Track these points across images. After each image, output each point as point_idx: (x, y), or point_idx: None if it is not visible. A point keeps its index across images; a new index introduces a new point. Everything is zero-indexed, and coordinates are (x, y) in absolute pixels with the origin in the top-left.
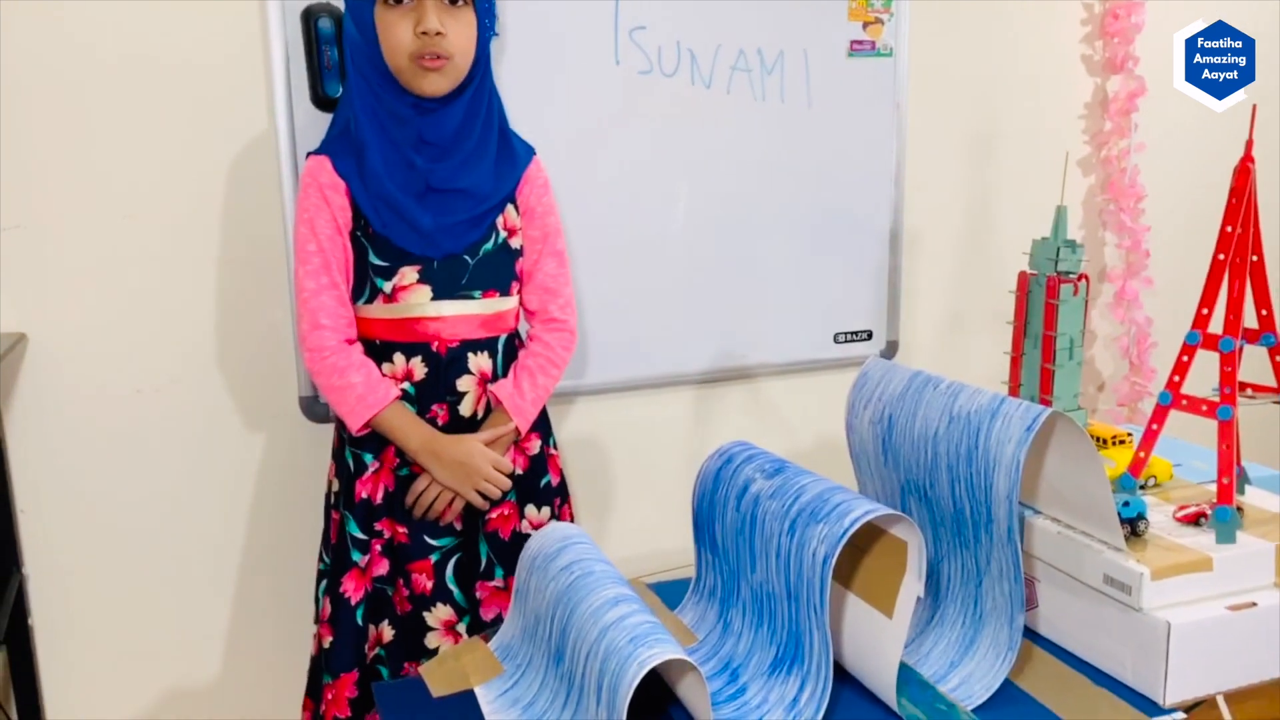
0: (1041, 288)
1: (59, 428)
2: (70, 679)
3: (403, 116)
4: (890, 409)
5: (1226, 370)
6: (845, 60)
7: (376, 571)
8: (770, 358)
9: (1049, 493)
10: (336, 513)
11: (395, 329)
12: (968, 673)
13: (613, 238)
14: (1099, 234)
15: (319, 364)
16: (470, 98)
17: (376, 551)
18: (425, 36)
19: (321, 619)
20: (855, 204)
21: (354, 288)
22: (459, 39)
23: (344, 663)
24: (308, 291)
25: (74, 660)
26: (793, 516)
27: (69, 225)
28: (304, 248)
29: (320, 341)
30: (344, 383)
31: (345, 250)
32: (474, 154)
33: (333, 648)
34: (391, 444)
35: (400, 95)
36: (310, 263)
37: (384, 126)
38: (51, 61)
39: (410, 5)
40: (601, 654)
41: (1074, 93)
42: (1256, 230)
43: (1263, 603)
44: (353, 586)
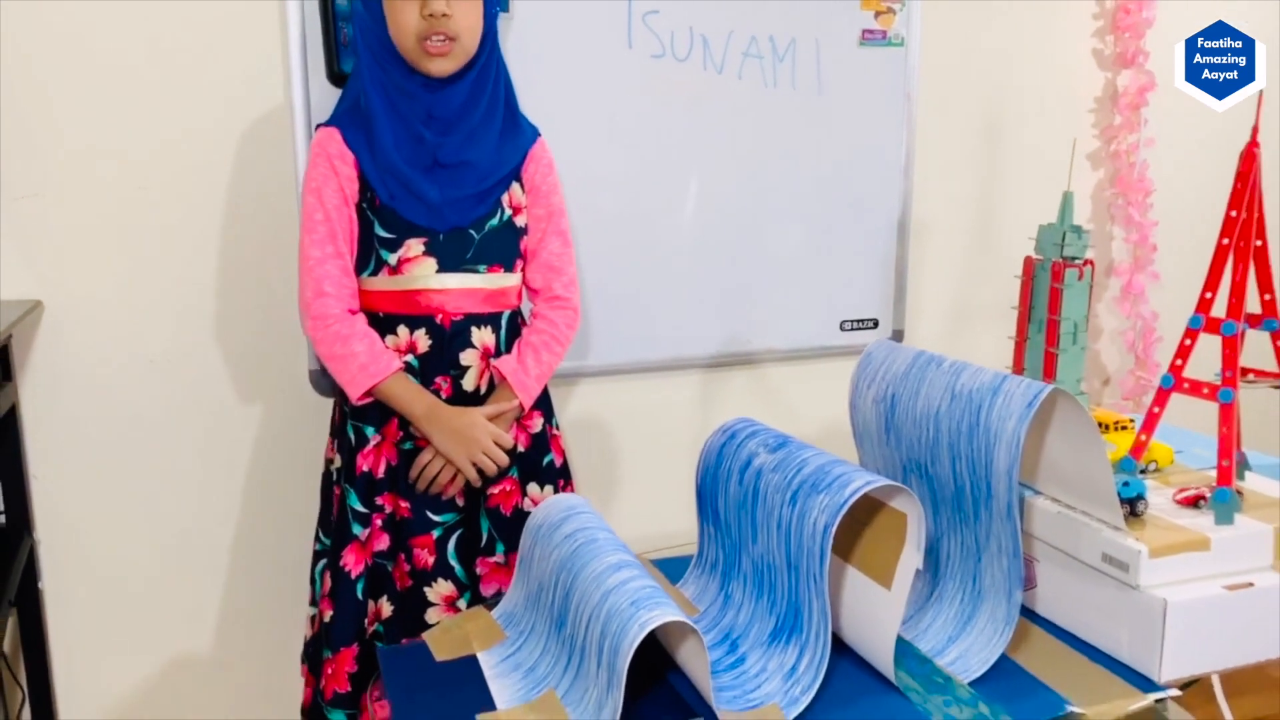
0: (1047, 272)
1: (72, 395)
2: (78, 642)
3: (410, 92)
4: (893, 387)
5: (1228, 354)
6: (857, 49)
7: (377, 546)
8: (776, 343)
9: (1049, 472)
10: (338, 488)
11: (399, 301)
12: (965, 647)
13: (623, 221)
14: (1107, 228)
15: (322, 332)
16: (477, 75)
17: (377, 526)
18: (432, 18)
19: (322, 594)
20: (864, 193)
21: (359, 260)
22: (465, 19)
23: (345, 637)
24: (313, 260)
25: (82, 624)
26: (794, 488)
27: (84, 195)
28: (311, 216)
29: (324, 309)
30: (347, 351)
31: (351, 221)
32: (480, 128)
33: (333, 621)
34: (394, 417)
35: (408, 73)
36: (316, 231)
37: (393, 102)
38: (69, 33)
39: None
40: (604, 616)
41: (1084, 86)
42: (1261, 215)
43: (1260, 583)
44: (353, 560)
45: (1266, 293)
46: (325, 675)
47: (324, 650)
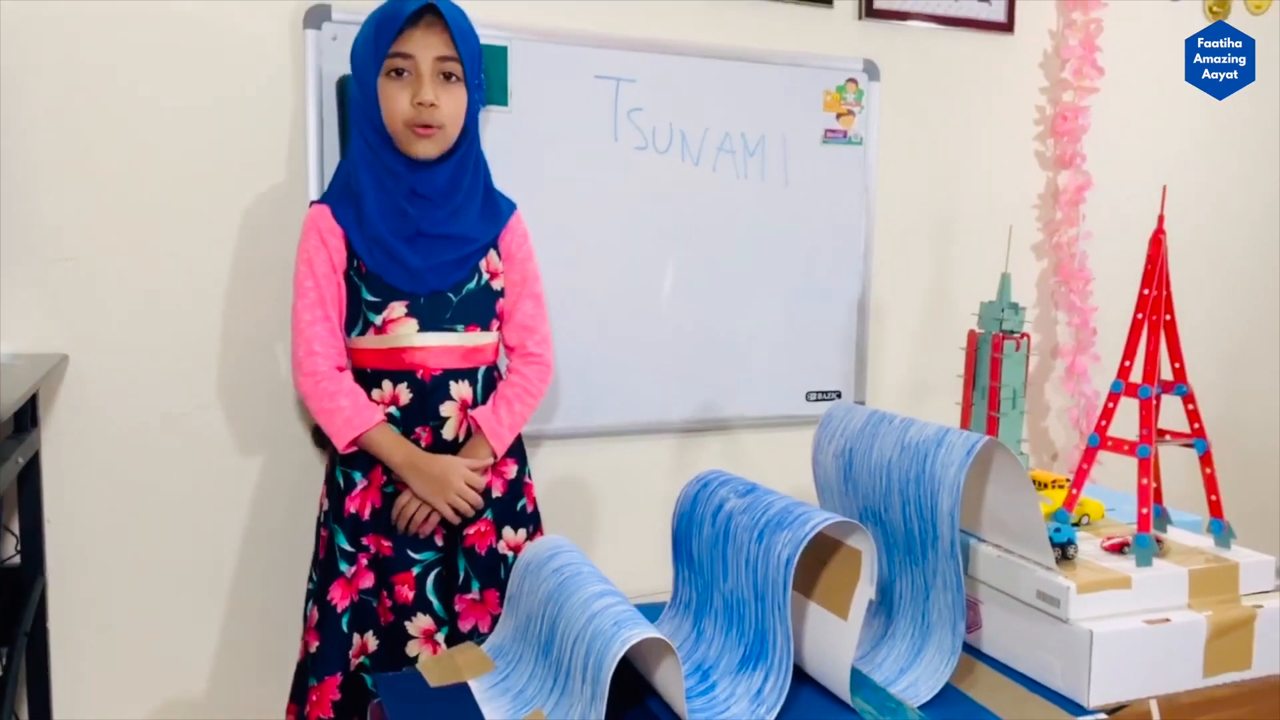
0: (988, 344)
1: (89, 444)
2: (79, 682)
3: (397, 172)
4: (851, 443)
5: (1145, 414)
6: (820, 146)
7: (362, 584)
8: (747, 411)
9: (990, 521)
10: (325, 530)
11: (384, 358)
12: (915, 676)
13: (607, 294)
14: (1051, 313)
15: (312, 387)
16: (458, 160)
17: (363, 564)
18: (420, 107)
19: (309, 626)
20: (827, 275)
21: (348, 322)
22: (450, 110)
23: (329, 667)
24: (303, 321)
25: (83, 663)
26: (761, 526)
27: (117, 260)
28: (302, 283)
29: (314, 366)
30: (334, 405)
31: (339, 287)
32: (461, 206)
33: (319, 652)
34: (379, 464)
35: (396, 154)
36: (307, 296)
37: (380, 180)
38: (112, 115)
39: (409, 79)
40: (588, 637)
41: (1028, 184)
42: (1169, 293)
43: (1176, 619)
44: (339, 595)
45: (1176, 361)
46: (310, 702)
47: (309, 679)
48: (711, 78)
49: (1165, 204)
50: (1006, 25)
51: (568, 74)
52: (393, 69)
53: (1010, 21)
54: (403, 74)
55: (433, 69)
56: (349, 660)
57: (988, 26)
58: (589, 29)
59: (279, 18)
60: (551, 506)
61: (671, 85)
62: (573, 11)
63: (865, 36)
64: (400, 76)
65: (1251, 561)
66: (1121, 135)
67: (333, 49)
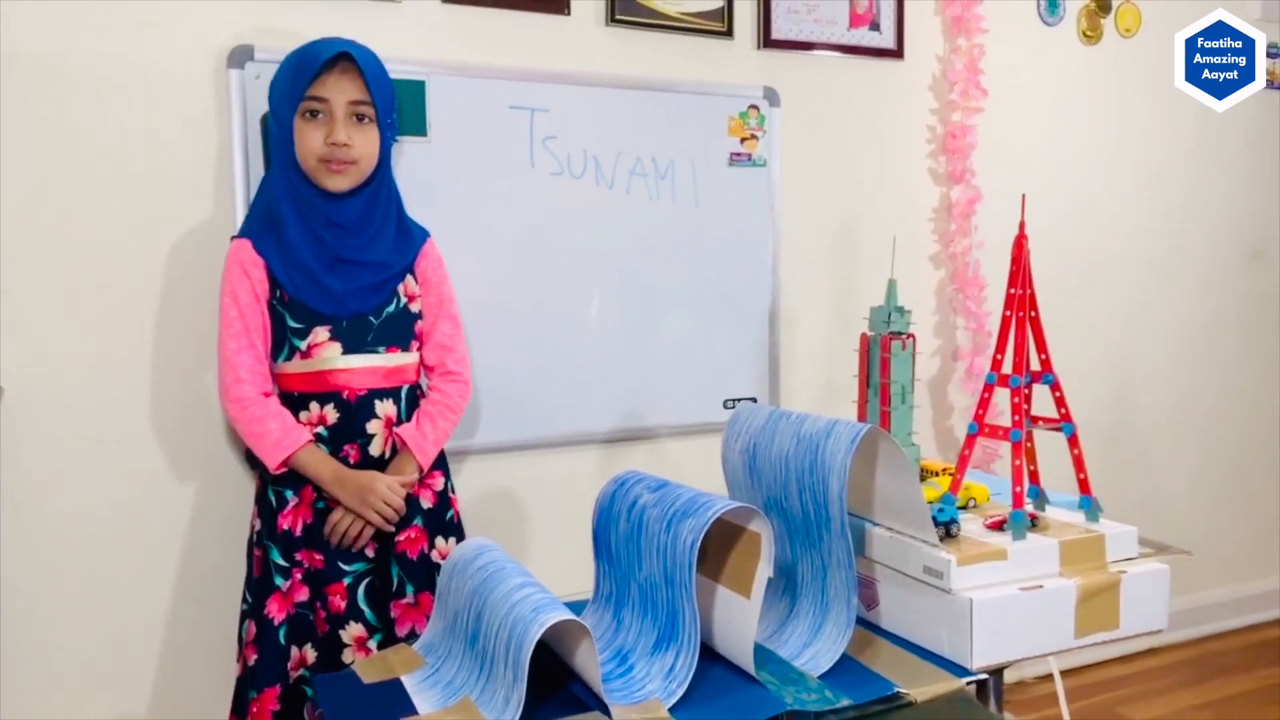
0: (878, 345)
1: (26, 472)
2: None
3: (313, 203)
4: (754, 439)
5: (1016, 402)
6: (726, 168)
7: (297, 597)
8: (668, 420)
9: (882, 505)
10: (259, 549)
11: (310, 381)
12: (816, 650)
13: (530, 313)
14: (950, 319)
15: (240, 413)
16: (370, 192)
17: (297, 579)
18: (334, 146)
19: (246, 640)
20: (739, 288)
21: (274, 349)
22: (363, 148)
23: (268, 678)
24: (229, 350)
25: (26, 684)
26: (669, 516)
27: (48, 294)
28: (227, 314)
29: (241, 393)
30: (262, 429)
31: (263, 317)
32: (376, 234)
33: (258, 665)
34: (309, 482)
35: (312, 188)
36: (232, 326)
37: (299, 210)
38: (42, 154)
39: (323, 120)
40: (510, 624)
41: (924, 198)
42: (1032, 292)
43: (1048, 585)
44: (275, 608)
45: (1043, 353)
46: (251, 714)
47: (249, 691)
48: (621, 106)
49: (1025, 211)
50: (897, 52)
51: (484, 105)
52: (308, 110)
53: (900, 48)
54: (317, 115)
55: (346, 111)
56: (288, 672)
57: (879, 53)
58: (503, 63)
59: (204, 57)
60: (480, 519)
61: (584, 114)
62: (487, 47)
63: (765, 65)
64: (315, 117)
65: (1116, 532)
66: (1007, 151)
67: (256, 87)
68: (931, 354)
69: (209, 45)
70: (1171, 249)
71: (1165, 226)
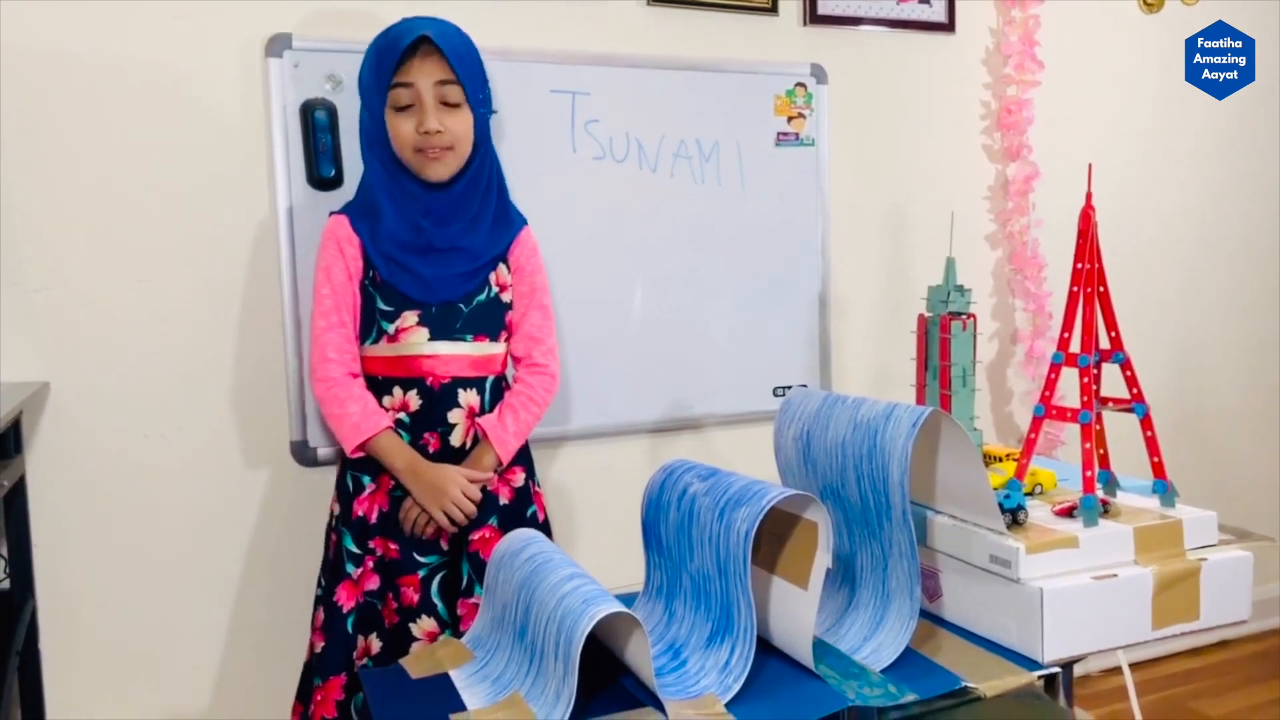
0: (937, 326)
1: (74, 468)
2: (74, 700)
3: (412, 193)
4: (808, 426)
5: (1084, 382)
6: (773, 149)
7: (368, 585)
8: (716, 409)
9: (944, 493)
10: (334, 533)
11: (395, 365)
12: (878, 644)
13: (573, 301)
14: (1009, 300)
15: (324, 392)
16: (470, 177)
17: (369, 567)
18: (426, 134)
19: (315, 627)
20: (787, 273)
21: (363, 330)
22: (456, 132)
23: (333, 667)
24: (319, 328)
25: (78, 683)
26: (721, 505)
27: (92, 288)
28: (319, 291)
29: (327, 373)
30: (343, 411)
31: (354, 297)
32: (473, 221)
33: (324, 652)
34: (387, 470)
35: (411, 177)
36: (323, 304)
37: (396, 200)
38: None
39: (414, 110)
40: (559, 617)
41: (978, 176)
42: (1101, 266)
43: (1122, 574)
44: (345, 596)
45: (1112, 330)
46: (314, 702)
47: (314, 679)
48: (664, 87)
49: (1091, 181)
50: (948, 25)
51: (524, 90)
52: (396, 101)
53: (951, 21)
54: (408, 107)
55: (434, 96)
56: (353, 661)
57: (930, 27)
58: (542, 46)
59: (242, 48)
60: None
61: (625, 96)
62: (527, 30)
63: (811, 41)
64: (404, 110)
65: (1194, 518)
66: (1065, 125)
67: (294, 76)
68: (989, 337)
69: (247, 35)
70: (1236, 226)
71: (1229, 203)
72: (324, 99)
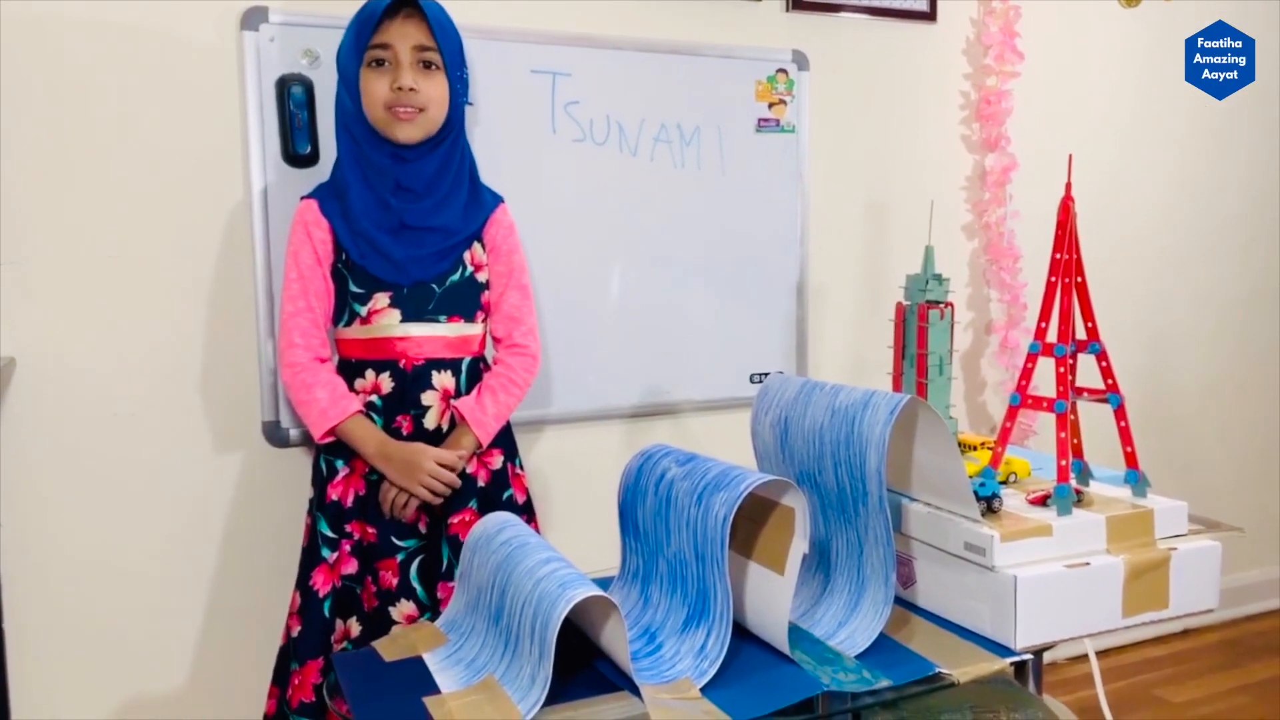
0: (914, 314)
1: (40, 445)
2: (38, 680)
3: (381, 166)
4: (785, 411)
5: (1061, 372)
6: (754, 135)
7: (345, 569)
8: (693, 395)
9: (920, 480)
10: (309, 517)
11: (368, 348)
12: (853, 629)
13: (550, 284)
14: (984, 291)
15: (291, 378)
16: (443, 152)
17: (346, 551)
18: (400, 91)
19: (291, 611)
20: (766, 260)
21: (335, 313)
22: (431, 95)
23: (311, 651)
24: (286, 313)
25: (44, 664)
26: (699, 490)
27: (59, 263)
28: (287, 276)
29: (294, 358)
30: (310, 397)
31: (324, 281)
32: (445, 199)
33: (301, 636)
34: None
35: (379, 146)
36: (290, 289)
37: (364, 174)
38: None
39: (389, 68)
40: (535, 600)
41: (957, 166)
42: (1079, 257)
43: (1095, 563)
44: (321, 580)
45: (1089, 321)
46: (292, 686)
47: (291, 663)
48: (645, 70)
49: (1072, 172)
50: (929, 14)
51: (504, 70)
52: (373, 59)
53: (933, 10)
54: (383, 64)
55: (412, 58)
56: (331, 645)
57: (911, 16)
58: (523, 26)
59: (217, 20)
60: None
61: (607, 78)
62: (508, 9)
63: (793, 28)
64: (380, 66)
65: (1165, 508)
66: (1043, 117)
67: (270, 50)
68: (964, 327)
69: (222, 8)
70: (1209, 220)
71: (1203, 197)
72: (301, 75)
